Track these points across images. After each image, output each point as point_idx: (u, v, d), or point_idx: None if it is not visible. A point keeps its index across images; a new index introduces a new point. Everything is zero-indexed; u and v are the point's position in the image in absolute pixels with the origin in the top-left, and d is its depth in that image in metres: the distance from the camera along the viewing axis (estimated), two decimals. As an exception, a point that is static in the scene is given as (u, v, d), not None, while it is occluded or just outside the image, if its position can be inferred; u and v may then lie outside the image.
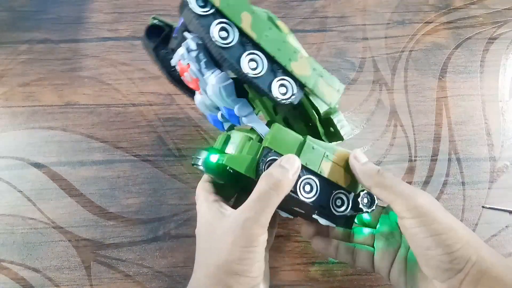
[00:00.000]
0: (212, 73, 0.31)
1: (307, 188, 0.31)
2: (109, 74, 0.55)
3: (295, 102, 0.31)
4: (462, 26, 0.59)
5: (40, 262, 0.43)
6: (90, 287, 0.42)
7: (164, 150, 0.50)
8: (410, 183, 0.48)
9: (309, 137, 0.33)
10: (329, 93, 0.32)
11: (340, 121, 0.35)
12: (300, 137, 0.32)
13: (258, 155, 0.31)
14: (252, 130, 0.34)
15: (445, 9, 0.60)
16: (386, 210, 0.38)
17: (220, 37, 0.29)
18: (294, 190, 0.31)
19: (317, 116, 0.35)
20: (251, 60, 0.29)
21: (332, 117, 0.34)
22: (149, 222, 0.45)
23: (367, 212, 0.34)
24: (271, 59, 0.30)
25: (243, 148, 0.32)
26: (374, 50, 0.57)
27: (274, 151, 0.31)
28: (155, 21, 0.36)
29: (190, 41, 0.30)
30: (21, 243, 0.44)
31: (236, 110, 0.32)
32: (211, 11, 0.28)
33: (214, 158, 0.33)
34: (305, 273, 0.43)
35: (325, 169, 0.32)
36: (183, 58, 0.31)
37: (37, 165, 0.49)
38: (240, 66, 0.29)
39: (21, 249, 0.44)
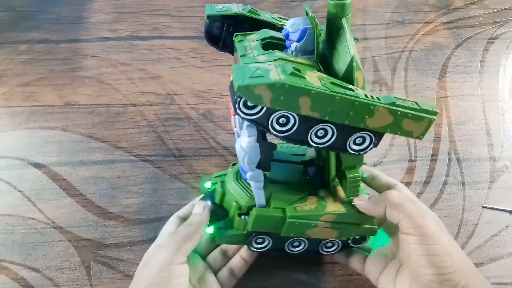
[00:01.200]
0: (248, 137, 0.30)
1: (296, 244, 0.37)
2: (109, 74, 0.55)
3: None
4: (462, 26, 0.59)
5: (40, 262, 0.43)
6: (90, 287, 0.42)
7: (164, 150, 0.50)
8: (410, 183, 0.48)
9: (289, 212, 0.34)
10: (417, 128, 0.28)
11: (353, 181, 0.33)
12: (280, 215, 0.34)
13: (245, 232, 0.35)
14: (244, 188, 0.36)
15: (445, 9, 0.60)
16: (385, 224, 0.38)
17: (280, 125, 0.27)
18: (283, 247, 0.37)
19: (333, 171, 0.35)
20: (320, 130, 0.28)
21: (347, 174, 0.33)
22: (149, 222, 0.45)
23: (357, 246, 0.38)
24: (342, 125, 0.27)
25: (234, 218, 0.35)
26: (374, 50, 0.57)
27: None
28: (208, 20, 0.34)
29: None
30: (21, 243, 0.44)
31: (248, 175, 0.32)
32: (264, 110, 0.26)
33: (210, 230, 0.37)
34: (305, 273, 0.43)
35: (311, 234, 0.35)
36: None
37: (37, 165, 0.49)
38: (307, 141, 0.28)
39: (21, 249, 0.44)
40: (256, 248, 0.37)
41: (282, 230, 0.34)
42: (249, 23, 0.33)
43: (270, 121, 0.26)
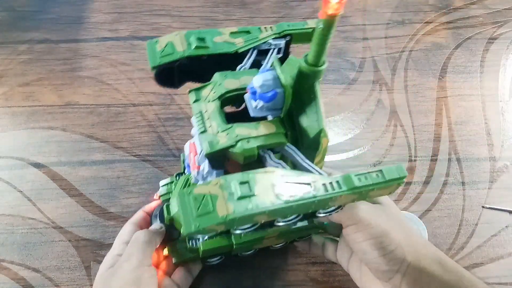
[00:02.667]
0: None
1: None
2: (109, 74, 0.55)
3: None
4: (462, 26, 0.59)
5: (40, 262, 0.43)
6: (90, 287, 0.42)
7: (164, 150, 0.50)
8: (410, 183, 0.48)
9: (235, 240, 0.34)
10: (385, 192, 0.28)
11: None
12: (226, 244, 0.35)
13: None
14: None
15: (445, 9, 0.60)
16: None
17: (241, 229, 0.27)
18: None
19: None
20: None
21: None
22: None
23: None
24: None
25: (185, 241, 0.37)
26: (374, 50, 0.57)
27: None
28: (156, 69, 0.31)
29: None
30: (21, 243, 0.44)
31: (204, 171, 0.31)
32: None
33: (164, 252, 0.38)
34: (305, 273, 0.43)
35: (259, 246, 0.38)
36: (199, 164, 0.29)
37: (37, 165, 0.49)
38: (274, 225, 0.28)
39: (21, 249, 0.44)
40: (210, 263, 0.40)
41: (231, 252, 0.36)
42: (199, 60, 0.31)
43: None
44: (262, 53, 0.31)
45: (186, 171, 0.39)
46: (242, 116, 0.29)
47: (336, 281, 0.42)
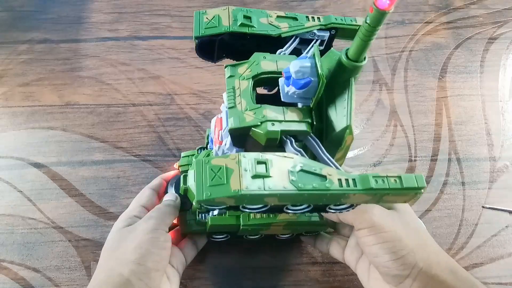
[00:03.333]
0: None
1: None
2: (109, 74, 0.55)
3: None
4: (462, 26, 0.59)
5: (40, 262, 0.43)
6: (90, 287, 0.42)
7: (164, 150, 0.50)
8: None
9: (243, 221, 0.36)
10: (400, 199, 0.27)
11: None
12: (233, 223, 0.36)
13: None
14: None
15: (445, 9, 0.60)
16: None
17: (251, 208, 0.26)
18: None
19: None
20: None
21: None
22: (149, 222, 0.45)
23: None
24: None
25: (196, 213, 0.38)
26: (374, 50, 0.57)
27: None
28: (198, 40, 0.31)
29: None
30: (21, 243, 0.44)
31: (225, 146, 0.31)
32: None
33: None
34: (305, 273, 0.43)
35: (265, 233, 0.39)
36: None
37: (37, 165, 0.49)
38: (283, 211, 0.27)
39: (21, 249, 0.44)
40: (216, 239, 0.41)
41: (237, 232, 0.37)
42: (241, 37, 0.31)
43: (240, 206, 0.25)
44: (304, 42, 0.32)
45: (209, 146, 0.40)
46: (273, 100, 0.29)
47: (336, 281, 0.42)
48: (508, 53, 0.57)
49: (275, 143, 0.26)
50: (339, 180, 0.24)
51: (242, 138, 0.27)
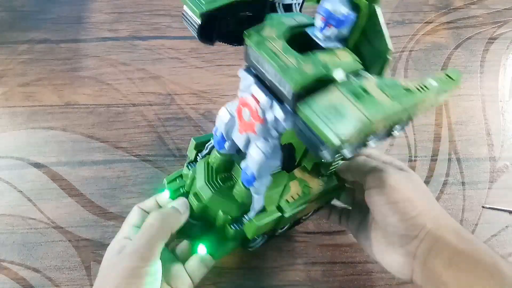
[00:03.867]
0: (270, 139, 0.29)
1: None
2: (109, 74, 0.55)
3: None
4: (462, 26, 0.59)
5: (40, 262, 0.43)
6: (90, 287, 0.42)
7: (164, 150, 0.50)
8: (410, 183, 0.48)
9: (286, 210, 0.33)
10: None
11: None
12: (278, 215, 0.33)
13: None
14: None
15: (445, 9, 0.60)
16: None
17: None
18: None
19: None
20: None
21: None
22: (149, 222, 0.45)
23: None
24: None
25: (225, 229, 0.35)
26: (374, 50, 0.57)
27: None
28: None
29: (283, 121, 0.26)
30: (21, 243, 0.44)
31: (258, 183, 0.30)
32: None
33: (202, 251, 0.35)
34: (305, 273, 0.43)
35: (300, 214, 0.36)
36: (264, 111, 0.27)
37: (37, 165, 0.49)
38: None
39: (21, 249, 0.44)
40: (252, 247, 0.38)
41: (278, 226, 0.35)
42: (243, 8, 0.28)
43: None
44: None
45: (200, 155, 0.37)
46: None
47: (336, 281, 0.42)
48: (508, 53, 0.57)
49: None
50: (416, 87, 0.24)
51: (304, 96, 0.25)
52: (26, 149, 0.50)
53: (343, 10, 0.24)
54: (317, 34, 0.26)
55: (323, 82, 0.23)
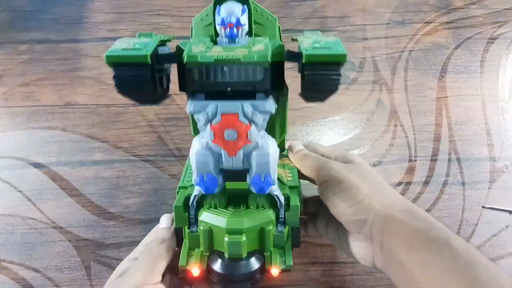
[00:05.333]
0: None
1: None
2: (109, 74, 0.55)
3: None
4: (462, 26, 0.59)
5: (40, 262, 0.43)
6: (90, 287, 0.42)
7: (164, 150, 0.50)
8: (410, 183, 0.48)
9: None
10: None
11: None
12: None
13: None
14: None
15: (445, 9, 0.60)
16: None
17: None
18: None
19: None
20: None
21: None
22: (149, 222, 0.45)
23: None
24: None
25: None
26: (374, 50, 0.57)
27: None
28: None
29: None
30: (21, 243, 0.44)
31: (272, 180, 0.29)
32: None
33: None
34: (305, 273, 0.43)
35: None
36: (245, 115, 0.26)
37: (37, 165, 0.49)
38: None
39: (21, 249, 0.44)
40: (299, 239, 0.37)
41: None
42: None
43: None
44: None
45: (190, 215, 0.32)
46: None
47: (336, 281, 0.42)
48: (508, 53, 0.57)
49: None
50: None
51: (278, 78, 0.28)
52: (26, 149, 0.50)
53: (237, 7, 0.26)
54: (233, 42, 0.27)
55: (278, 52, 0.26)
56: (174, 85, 0.56)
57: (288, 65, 0.27)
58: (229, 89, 0.26)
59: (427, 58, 0.57)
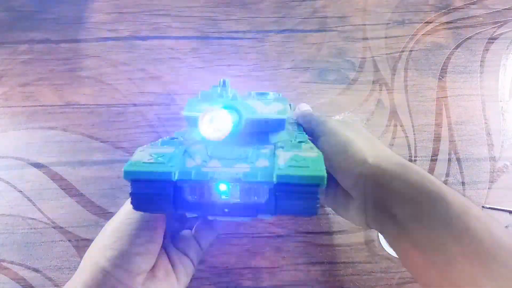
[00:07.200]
0: None
1: None
2: (109, 74, 0.55)
3: None
4: (462, 26, 0.59)
5: (40, 262, 0.43)
6: (90, 287, 0.42)
7: (164, 150, 0.50)
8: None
9: None
10: None
11: None
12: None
13: None
14: None
15: (445, 9, 0.60)
16: None
17: None
18: None
19: None
20: None
21: None
22: (149, 222, 0.45)
23: None
24: None
25: None
26: (374, 50, 0.57)
27: None
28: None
29: None
30: (21, 243, 0.44)
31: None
32: None
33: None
34: (305, 273, 0.43)
35: None
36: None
37: (37, 165, 0.49)
38: None
39: (21, 249, 0.44)
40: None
41: None
42: None
43: None
44: None
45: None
46: None
47: (336, 281, 0.42)
48: (508, 53, 0.57)
49: None
50: None
51: None
52: (26, 149, 0.50)
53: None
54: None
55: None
56: (173, 85, 0.56)
57: (288, 65, 0.27)
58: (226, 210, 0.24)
59: (427, 58, 0.57)
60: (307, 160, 0.23)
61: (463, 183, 0.48)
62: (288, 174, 0.22)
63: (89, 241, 0.44)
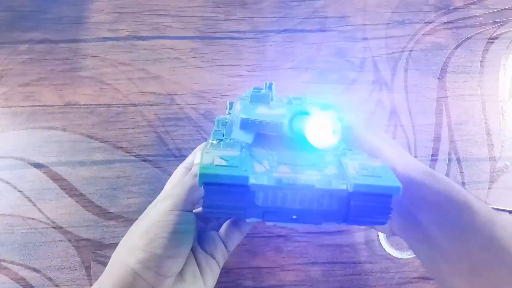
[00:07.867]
0: None
1: None
2: (109, 74, 0.55)
3: None
4: (462, 26, 0.59)
5: (40, 262, 0.43)
6: (90, 287, 0.42)
7: (164, 150, 0.50)
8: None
9: None
10: None
11: None
12: None
13: None
14: None
15: (445, 9, 0.60)
16: None
17: None
18: None
19: None
20: None
21: None
22: (149, 222, 0.45)
23: None
24: None
25: None
26: (374, 50, 0.57)
27: None
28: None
29: None
30: (21, 243, 0.44)
31: None
32: None
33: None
34: (305, 273, 0.43)
35: None
36: None
37: (37, 165, 0.49)
38: None
39: (21, 249, 0.44)
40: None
41: None
42: None
43: None
44: None
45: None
46: None
47: (336, 281, 0.42)
48: (508, 53, 0.57)
49: None
50: None
51: None
52: (26, 149, 0.50)
53: None
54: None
55: None
56: (173, 85, 0.56)
57: (288, 65, 0.27)
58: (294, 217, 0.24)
59: (427, 58, 0.57)
60: (376, 169, 0.23)
61: (463, 183, 0.48)
62: (365, 183, 0.22)
63: (89, 241, 0.44)
